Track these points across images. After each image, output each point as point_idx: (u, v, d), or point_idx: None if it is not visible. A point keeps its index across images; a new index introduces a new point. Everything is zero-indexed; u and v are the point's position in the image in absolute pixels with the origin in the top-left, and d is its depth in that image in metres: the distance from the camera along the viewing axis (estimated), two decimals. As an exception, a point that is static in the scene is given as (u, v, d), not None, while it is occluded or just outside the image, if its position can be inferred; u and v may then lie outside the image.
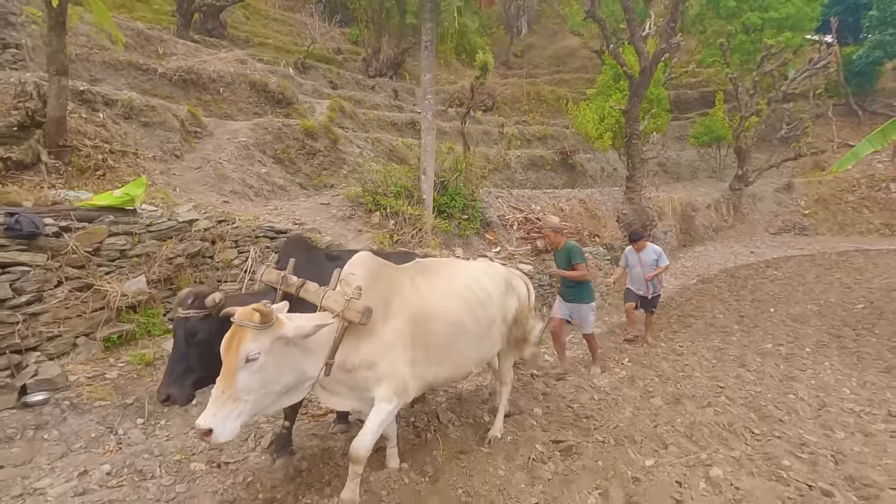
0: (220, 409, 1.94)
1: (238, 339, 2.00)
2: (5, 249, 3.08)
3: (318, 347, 2.26)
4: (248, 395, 2.01)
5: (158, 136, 6.72)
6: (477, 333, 2.92)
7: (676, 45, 9.49)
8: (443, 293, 2.80)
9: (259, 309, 2.00)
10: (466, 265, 3.31)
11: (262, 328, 2.02)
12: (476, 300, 2.94)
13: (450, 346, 2.74)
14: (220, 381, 1.99)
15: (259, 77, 11.09)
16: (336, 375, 2.35)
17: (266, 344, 2.04)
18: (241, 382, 1.98)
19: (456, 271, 3.06)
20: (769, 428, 3.68)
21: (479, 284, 3.06)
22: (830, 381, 4.88)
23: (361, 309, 2.26)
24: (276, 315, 2.07)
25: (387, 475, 2.55)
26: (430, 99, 6.10)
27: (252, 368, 2.01)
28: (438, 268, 3.02)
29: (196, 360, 2.37)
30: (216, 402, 1.95)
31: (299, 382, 2.25)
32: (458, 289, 2.90)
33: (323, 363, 2.26)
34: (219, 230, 4.41)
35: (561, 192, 11.10)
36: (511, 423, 3.34)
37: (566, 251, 4.86)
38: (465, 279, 3.00)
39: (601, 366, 5.01)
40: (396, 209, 6.00)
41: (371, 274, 2.56)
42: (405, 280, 2.72)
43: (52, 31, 4.83)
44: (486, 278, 3.18)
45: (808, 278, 10.20)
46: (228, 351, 2.01)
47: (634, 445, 3.12)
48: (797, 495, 2.79)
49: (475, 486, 2.49)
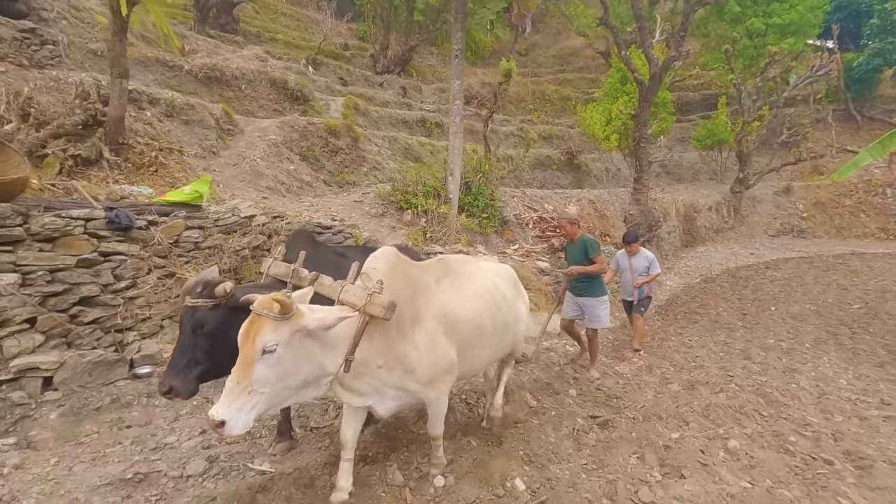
0: (235, 400, 1.90)
1: (256, 330, 1.95)
2: (107, 241, 3.49)
3: (338, 342, 2.20)
4: (264, 387, 1.96)
5: (197, 133, 7.10)
6: (493, 336, 2.94)
7: (686, 53, 9.95)
8: (467, 295, 2.80)
9: (279, 299, 1.96)
10: (484, 265, 3.26)
11: (282, 319, 1.97)
12: (494, 303, 2.96)
13: (470, 348, 2.74)
14: (236, 372, 1.94)
15: (279, 75, 11.45)
16: (359, 371, 2.30)
17: (285, 335, 1.99)
18: (257, 374, 1.93)
19: (476, 272, 3.04)
20: (776, 411, 4.16)
21: (497, 286, 3.08)
22: (829, 373, 5.38)
23: (385, 303, 2.20)
24: (296, 306, 2.03)
25: (456, 444, 2.99)
26: (458, 104, 6.52)
27: (269, 360, 1.96)
28: (461, 268, 2.99)
29: (202, 351, 2.31)
30: (231, 393, 1.91)
31: (318, 377, 2.19)
32: (480, 291, 2.90)
33: (342, 359, 2.20)
34: (274, 225, 4.83)
35: (571, 193, 11.57)
36: (552, 400, 3.80)
37: (582, 244, 4.82)
38: (485, 281, 3.01)
39: (598, 369, 4.81)
40: (426, 208, 6.44)
41: (393, 270, 2.49)
42: (430, 280, 2.69)
43: (116, 37, 5.21)
44: (501, 280, 3.19)
45: (807, 279, 10.73)
46: (246, 341, 1.96)
47: (661, 421, 3.59)
48: (803, 464, 3.27)
49: (533, 449, 2.95)
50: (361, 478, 2.69)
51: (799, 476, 3.11)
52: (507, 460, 2.76)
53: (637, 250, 6.00)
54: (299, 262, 2.58)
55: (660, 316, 8.19)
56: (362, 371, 2.31)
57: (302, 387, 2.15)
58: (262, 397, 1.96)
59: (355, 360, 2.23)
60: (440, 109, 18.10)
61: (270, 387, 1.98)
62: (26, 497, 2.43)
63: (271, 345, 1.95)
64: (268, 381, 1.97)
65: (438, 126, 15.97)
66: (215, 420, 1.86)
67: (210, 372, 2.36)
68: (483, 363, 3.05)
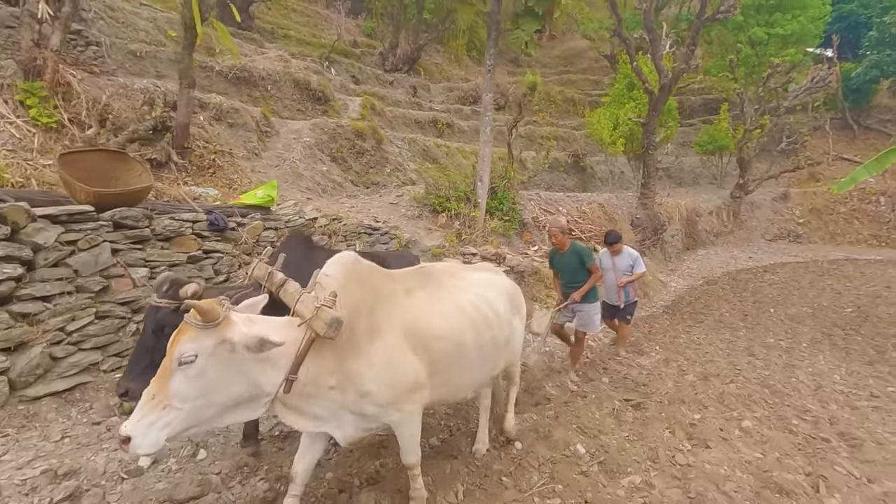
0: (146, 415, 1.72)
1: (177, 338, 1.80)
2: (208, 240, 4.04)
3: (278, 358, 1.98)
4: (182, 403, 1.78)
5: (241, 136, 7.61)
6: (479, 357, 2.66)
7: (695, 66, 10.59)
8: (446, 308, 2.53)
9: (198, 305, 1.78)
10: (474, 276, 2.94)
11: (204, 327, 1.79)
12: (483, 319, 2.67)
13: (448, 372, 2.48)
14: (153, 384, 1.79)
15: (302, 76, 11.93)
16: (308, 392, 2.08)
17: (207, 346, 1.80)
18: (173, 388, 1.76)
19: (462, 284, 2.76)
20: (779, 399, 4.81)
21: (487, 300, 2.78)
22: (824, 369, 6.05)
23: (328, 320, 1.97)
24: (223, 314, 1.83)
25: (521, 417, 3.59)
26: (489, 115, 7.09)
27: (188, 373, 1.78)
28: (443, 278, 2.72)
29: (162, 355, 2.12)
30: (144, 406, 1.74)
31: (253, 397, 1.98)
32: (463, 304, 2.62)
33: (283, 377, 1.99)
34: (333, 227, 5.39)
35: (582, 196, 12.19)
36: (589, 386, 4.44)
37: (576, 254, 4.79)
38: (472, 294, 2.72)
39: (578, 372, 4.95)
40: (458, 211, 7.02)
41: (350, 277, 2.27)
42: (397, 290, 2.43)
43: (185, 51, 5.73)
44: (495, 293, 2.90)
45: (803, 283, 11.46)
46: (169, 349, 1.81)
47: (683, 405, 4.22)
48: (804, 442, 3.91)
49: (583, 423, 3.56)
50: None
51: (801, 451, 3.75)
52: (565, 431, 3.38)
53: (620, 249, 5.74)
54: (277, 265, 2.43)
55: (668, 315, 8.85)
56: (311, 392, 2.09)
57: (232, 406, 1.93)
58: (178, 414, 1.77)
59: (300, 379, 2.02)
60: (449, 109, 18.65)
61: (189, 403, 1.79)
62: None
63: (188, 355, 1.77)
64: (186, 397, 1.78)
65: (449, 126, 16.53)
66: (121, 435, 1.70)
67: None
68: (469, 386, 2.74)
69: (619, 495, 2.68)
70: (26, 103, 5.15)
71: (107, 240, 3.41)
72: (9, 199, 3.00)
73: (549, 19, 6.31)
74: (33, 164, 4.71)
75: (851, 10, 22.64)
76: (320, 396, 2.12)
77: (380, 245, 5.82)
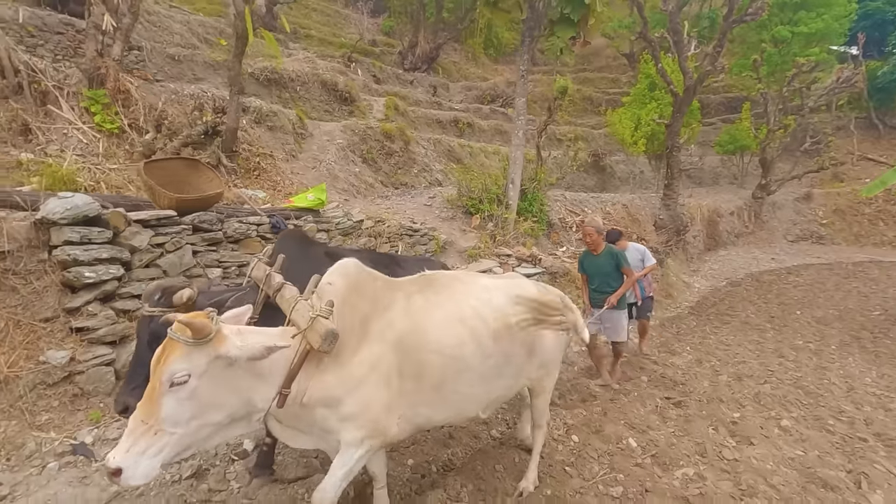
0: (136, 443, 1.62)
1: (165, 357, 1.69)
2: (271, 241, 4.30)
3: (271, 372, 1.90)
4: (174, 427, 1.69)
5: (279, 138, 7.90)
6: (483, 371, 2.42)
7: (721, 67, 10.66)
8: (441, 318, 2.34)
9: (188, 321, 1.67)
10: (485, 282, 2.70)
11: (195, 344, 1.69)
12: (486, 330, 2.43)
13: (444, 386, 2.29)
14: (141, 408, 1.68)
15: (329, 77, 12.21)
16: (292, 409, 1.98)
17: (200, 364, 1.71)
18: (165, 411, 1.66)
19: (467, 291, 2.54)
20: (814, 400, 4.97)
21: (496, 310, 2.52)
22: (855, 371, 6.18)
23: (324, 332, 1.87)
24: (214, 328, 1.73)
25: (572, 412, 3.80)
26: (522, 120, 7.29)
27: (180, 394, 1.68)
28: (446, 285, 2.53)
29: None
30: (132, 434, 1.64)
31: (246, 414, 1.90)
32: (464, 314, 2.41)
33: (275, 392, 1.90)
34: (378, 228, 5.64)
35: (606, 197, 12.33)
36: (630, 385, 4.64)
37: (612, 256, 4.62)
38: (478, 302, 2.49)
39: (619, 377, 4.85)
40: (491, 213, 7.24)
41: (351, 287, 2.17)
42: (396, 297, 2.29)
43: (235, 59, 6.00)
44: (508, 302, 2.61)
45: (828, 286, 11.50)
46: (155, 370, 1.70)
47: (722, 404, 4.41)
48: (842, 441, 4.07)
49: (630, 419, 3.78)
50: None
51: (839, 449, 3.92)
52: (615, 426, 3.59)
53: (625, 246, 5.58)
54: (277, 267, 2.33)
55: (694, 316, 8.99)
56: (296, 408, 1.99)
57: (227, 424, 1.86)
58: (171, 438, 1.68)
59: (292, 394, 1.93)
60: (469, 109, 18.83)
61: (182, 426, 1.71)
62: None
63: (181, 375, 1.68)
64: (179, 420, 1.70)
65: (470, 126, 16.73)
66: (110, 467, 1.59)
67: None
68: (474, 404, 2.48)
69: (675, 485, 2.89)
70: (91, 110, 5.47)
71: (188, 242, 3.69)
72: (109, 205, 3.28)
73: (584, 26, 6.48)
74: (101, 169, 5.02)
75: (878, 8, 22.39)
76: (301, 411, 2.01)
77: (419, 246, 6.06)
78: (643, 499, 2.72)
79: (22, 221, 3.05)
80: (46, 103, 5.28)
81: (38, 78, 5.23)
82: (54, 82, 5.36)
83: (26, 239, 3.00)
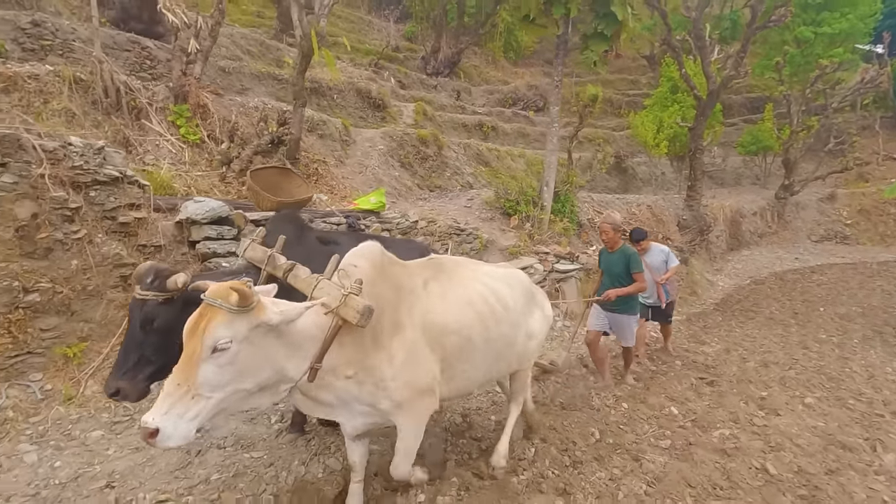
0: (175, 405, 1.70)
1: (207, 323, 1.75)
2: (348, 239, 4.99)
3: (305, 344, 2.02)
4: (212, 392, 1.77)
5: (329, 145, 8.61)
6: (487, 353, 2.64)
7: (745, 72, 11.12)
8: (458, 301, 2.54)
9: (237, 287, 1.76)
10: (486, 270, 2.93)
11: (239, 311, 1.78)
12: (491, 313, 2.65)
13: (454, 367, 2.49)
14: (178, 372, 1.75)
15: (364, 85, 12.95)
16: (326, 381, 2.11)
17: (242, 331, 1.79)
18: (204, 376, 1.74)
19: (473, 277, 2.76)
20: (835, 385, 5.46)
21: (497, 295, 2.75)
22: (876, 362, 6.63)
23: (361, 308, 1.98)
24: (257, 297, 1.83)
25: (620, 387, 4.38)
26: (555, 126, 7.88)
27: (220, 360, 1.76)
28: (455, 270, 2.72)
29: (152, 349, 2.17)
30: (170, 397, 1.71)
31: (277, 382, 2.00)
32: (472, 297, 2.62)
33: (308, 365, 2.01)
34: (430, 228, 6.29)
35: (630, 198, 12.84)
36: (667, 366, 5.21)
37: (625, 256, 4.53)
38: (482, 288, 2.72)
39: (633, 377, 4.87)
40: (528, 213, 7.85)
41: (376, 270, 2.29)
42: (417, 283, 2.45)
43: (299, 75, 6.71)
44: (507, 288, 2.87)
45: (852, 284, 11.84)
46: (193, 336, 1.77)
47: (750, 384, 4.95)
48: (861, 416, 4.59)
49: (670, 393, 4.37)
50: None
51: (859, 423, 4.44)
52: (657, 398, 4.19)
53: (648, 247, 5.61)
54: (278, 248, 2.40)
55: (719, 312, 9.48)
56: (329, 381, 2.13)
57: (256, 392, 1.95)
58: (208, 403, 1.76)
59: (322, 367, 2.05)
60: (492, 112, 19.46)
61: (220, 391, 1.79)
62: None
63: (224, 342, 1.75)
64: (217, 385, 1.78)
65: (494, 129, 17.35)
66: (149, 428, 1.67)
67: (162, 372, 2.16)
68: (472, 383, 2.74)
69: (714, 441, 3.47)
70: (176, 123, 6.22)
71: (288, 239, 4.37)
72: (231, 206, 3.97)
73: (616, 40, 7.05)
74: (190, 175, 5.76)
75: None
76: (336, 386, 2.15)
77: (466, 244, 6.69)
78: (688, 449, 3.31)
79: (168, 221, 3.74)
80: (140, 118, 6.04)
81: (133, 96, 5.99)
82: (146, 99, 6.11)
83: (173, 235, 3.69)
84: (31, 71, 5.31)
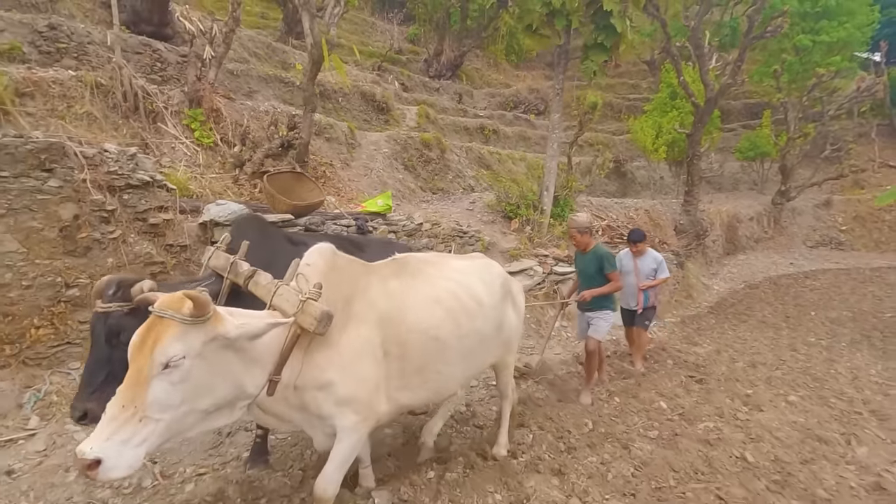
0: (117, 431, 1.53)
1: (156, 336, 1.61)
2: (357, 241, 5.28)
3: (263, 357, 1.90)
4: (162, 413, 1.62)
5: (335, 148, 8.90)
6: (461, 350, 2.56)
7: (742, 80, 11.43)
8: (419, 299, 2.43)
9: (192, 296, 1.63)
10: (456, 264, 2.84)
11: (193, 323, 1.64)
12: (463, 310, 2.57)
13: (427, 367, 2.41)
14: (123, 393, 1.59)
15: (368, 88, 13.24)
16: (282, 394, 1.99)
17: (195, 345, 1.66)
18: (153, 396, 1.59)
19: (441, 273, 2.66)
20: (819, 384, 5.76)
21: (469, 290, 2.67)
22: (861, 364, 6.93)
23: (318, 314, 1.89)
24: (213, 307, 1.70)
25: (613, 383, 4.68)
26: (557, 133, 8.18)
27: (172, 377, 1.62)
28: (420, 267, 2.63)
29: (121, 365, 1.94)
30: (113, 421, 1.54)
31: (234, 399, 1.86)
32: (440, 295, 2.52)
33: (266, 378, 1.90)
34: (434, 230, 6.57)
35: (629, 202, 13.14)
36: (659, 365, 5.51)
37: (597, 257, 4.49)
38: (451, 283, 2.62)
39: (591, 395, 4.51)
40: (528, 217, 8.14)
41: (331, 268, 2.21)
42: (373, 280, 2.36)
43: (310, 81, 6.98)
44: (479, 282, 2.78)
45: (844, 289, 12.16)
46: (140, 352, 1.62)
47: (737, 383, 5.25)
48: (840, 413, 4.88)
49: (660, 389, 4.66)
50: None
51: (837, 420, 4.73)
52: (648, 393, 4.48)
53: (644, 251, 5.56)
54: (241, 254, 2.31)
55: (713, 315, 9.79)
56: (287, 393, 2.02)
57: (212, 412, 1.81)
58: (157, 426, 1.61)
59: (282, 380, 1.94)
60: (493, 115, 19.77)
61: (171, 412, 1.64)
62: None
63: (176, 357, 1.62)
64: (168, 405, 1.63)
65: (495, 133, 17.65)
66: (86, 459, 1.48)
67: None
68: (452, 382, 2.66)
69: (698, 433, 3.77)
70: (191, 127, 6.50)
71: (302, 240, 4.67)
72: (250, 209, 4.25)
73: (616, 51, 7.35)
74: (205, 178, 6.04)
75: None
76: (293, 395, 2.04)
77: (468, 246, 6.98)
78: (673, 439, 3.61)
79: (192, 222, 4.02)
80: (156, 122, 6.32)
81: (150, 100, 6.26)
82: (162, 103, 6.39)
83: (197, 235, 3.96)
84: (55, 76, 5.57)
